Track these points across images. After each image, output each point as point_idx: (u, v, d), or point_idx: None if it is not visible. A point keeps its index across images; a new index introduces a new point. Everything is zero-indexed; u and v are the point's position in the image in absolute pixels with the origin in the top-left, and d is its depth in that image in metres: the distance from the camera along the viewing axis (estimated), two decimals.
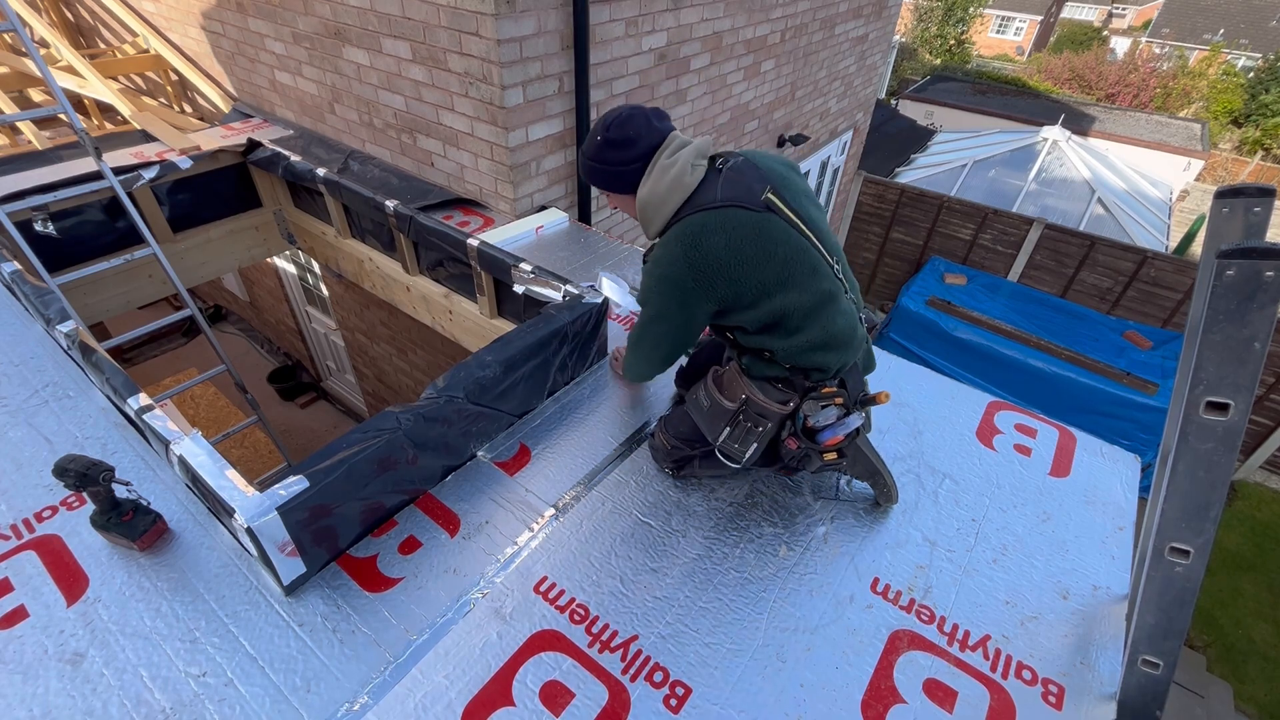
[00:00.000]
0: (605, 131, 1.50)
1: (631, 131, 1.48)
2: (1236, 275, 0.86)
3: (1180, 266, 7.32)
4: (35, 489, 1.72)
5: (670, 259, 1.45)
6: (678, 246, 1.44)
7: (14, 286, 2.29)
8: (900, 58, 23.23)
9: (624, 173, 1.52)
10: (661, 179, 1.46)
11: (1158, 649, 1.21)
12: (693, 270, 1.43)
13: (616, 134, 1.49)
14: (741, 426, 1.59)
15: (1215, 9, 25.67)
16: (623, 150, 1.49)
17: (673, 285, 1.47)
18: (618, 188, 1.56)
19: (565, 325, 2.04)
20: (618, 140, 1.49)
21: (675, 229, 1.46)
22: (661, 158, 1.48)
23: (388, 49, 2.98)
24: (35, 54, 2.56)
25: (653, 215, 1.49)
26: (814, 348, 1.50)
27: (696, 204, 1.44)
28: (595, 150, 1.53)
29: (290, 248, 4.07)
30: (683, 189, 1.45)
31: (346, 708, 1.32)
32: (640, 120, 1.49)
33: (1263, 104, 20.07)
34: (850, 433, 1.59)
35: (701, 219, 1.42)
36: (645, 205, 1.50)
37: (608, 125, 1.50)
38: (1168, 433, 1.34)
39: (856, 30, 5.82)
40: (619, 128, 1.48)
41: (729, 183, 1.45)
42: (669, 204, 1.46)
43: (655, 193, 1.47)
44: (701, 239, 1.41)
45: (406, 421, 1.63)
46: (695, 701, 1.36)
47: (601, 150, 1.51)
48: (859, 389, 1.64)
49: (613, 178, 1.54)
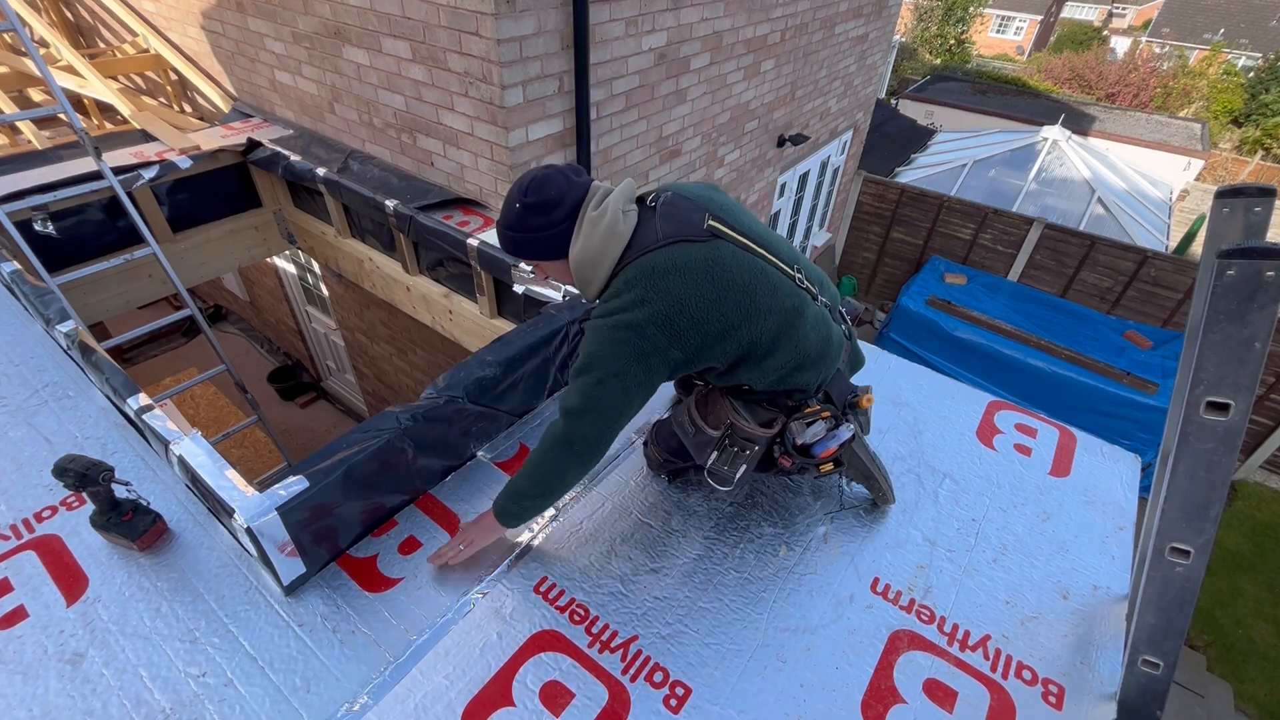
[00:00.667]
0: (523, 197, 1.35)
1: (553, 192, 1.35)
2: (1237, 275, 0.86)
3: (1180, 266, 7.33)
4: (35, 489, 1.72)
5: (623, 307, 1.30)
6: (630, 294, 1.30)
7: (14, 286, 2.29)
8: (900, 57, 23.23)
9: (551, 237, 1.38)
10: (594, 232, 1.33)
11: (1158, 649, 1.21)
12: (653, 318, 1.28)
13: (536, 197, 1.34)
14: (728, 451, 1.54)
15: (1215, 9, 25.67)
16: (545, 213, 1.35)
17: (631, 335, 1.29)
18: (547, 254, 1.41)
19: (565, 325, 2.04)
20: (538, 204, 1.35)
21: (621, 278, 1.33)
22: (588, 210, 1.35)
23: (388, 49, 2.98)
24: (35, 54, 2.56)
25: (591, 274, 1.36)
26: (790, 369, 1.44)
27: (639, 248, 1.32)
28: (515, 219, 1.37)
29: (290, 247, 4.07)
30: (618, 238, 1.33)
31: (346, 708, 1.32)
32: (558, 179, 1.36)
33: (1263, 104, 20.07)
34: (844, 441, 1.57)
35: (649, 261, 1.31)
36: (581, 265, 1.36)
37: (524, 190, 1.36)
38: (1168, 433, 1.34)
39: (856, 30, 5.82)
40: (537, 190, 1.35)
41: (666, 218, 1.35)
42: (607, 257, 1.33)
43: (589, 248, 1.34)
44: (656, 281, 1.29)
45: (406, 421, 1.63)
46: (695, 702, 1.36)
47: (522, 217, 1.36)
48: (847, 394, 1.59)
49: (539, 246, 1.39)
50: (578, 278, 1.40)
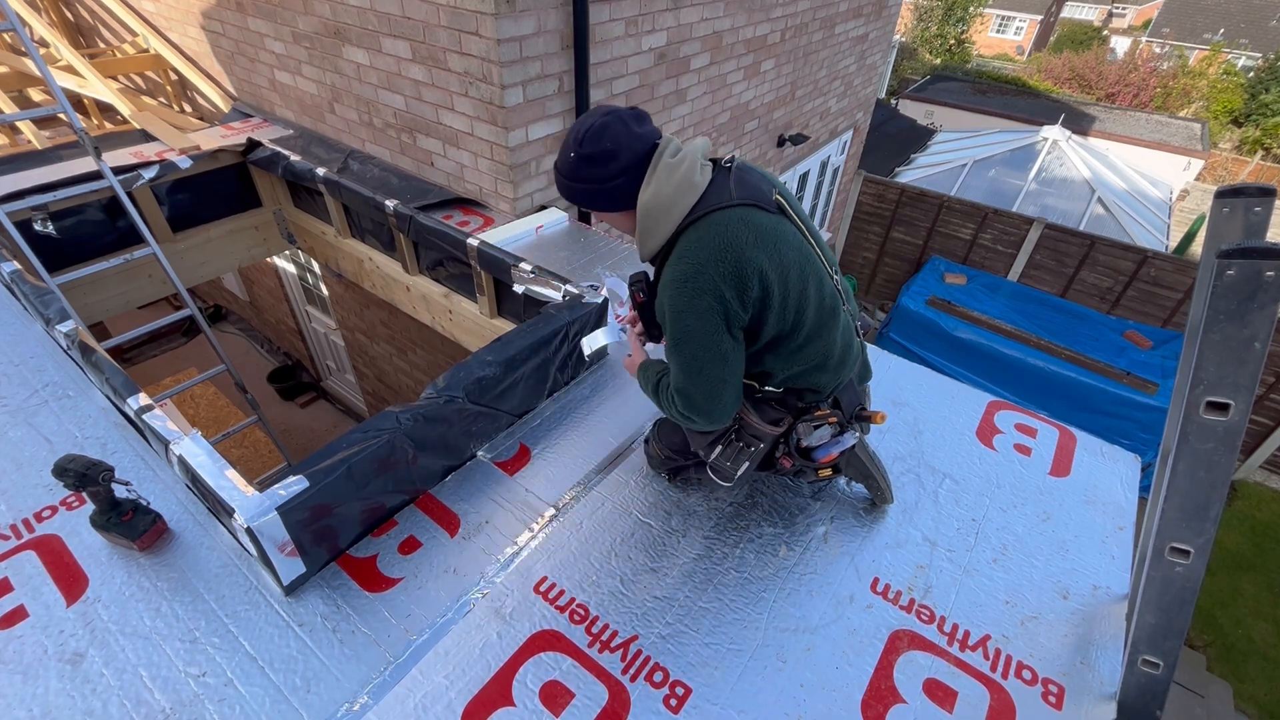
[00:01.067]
0: (578, 147, 1.31)
1: (609, 143, 1.29)
2: (1237, 275, 0.86)
3: (1180, 266, 7.32)
4: (35, 489, 1.72)
5: (699, 269, 1.25)
6: (704, 252, 1.26)
7: (14, 286, 2.29)
8: (900, 57, 23.23)
9: (609, 190, 1.34)
10: (668, 180, 1.29)
11: (1158, 649, 1.21)
12: (728, 275, 1.25)
13: (592, 148, 1.30)
14: (733, 446, 1.54)
15: (1215, 9, 25.67)
16: (601, 165, 1.31)
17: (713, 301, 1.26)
18: (603, 205, 1.38)
19: (565, 325, 2.04)
20: (593, 156, 1.30)
21: (695, 234, 1.28)
22: (664, 157, 1.31)
23: (387, 48, 2.98)
24: (35, 53, 2.56)
25: (657, 223, 1.31)
26: (812, 368, 1.45)
27: (710, 204, 1.29)
28: (571, 168, 1.34)
29: (290, 247, 4.07)
30: (694, 189, 1.29)
31: (346, 708, 1.32)
32: (618, 129, 1.30)
33: (1263, 104, 20.07)
34: (846, 449, 1.57)
35: (723, 217, 1.27)
36: (649, 211, 1.31)
37: (580, 139, 1.31)
38: (1168, 433, 1.34)
39: (856, 30, 5.82)
40: (593, 141, 1.30)
41: (740, 182, 1.32)
42: (679, 206, 1.29)
43: (662, 195, 1.29)
44: (731, 235, 1.25)
45: (406, 421, 1.63)
46: (695, 701, 1.36)
47: (578, 168, 1.33)
48: (855, 404, 1.59)
49: (596, 196, 1.36)
50: (642, 226, 1.34)
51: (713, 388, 1.34)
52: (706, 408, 1.36)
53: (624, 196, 1.35)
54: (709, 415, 1.37)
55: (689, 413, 1.38)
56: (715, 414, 1.37)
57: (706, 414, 1.37)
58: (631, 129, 1.31)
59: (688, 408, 1.37)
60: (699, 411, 1.37)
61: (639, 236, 1.37)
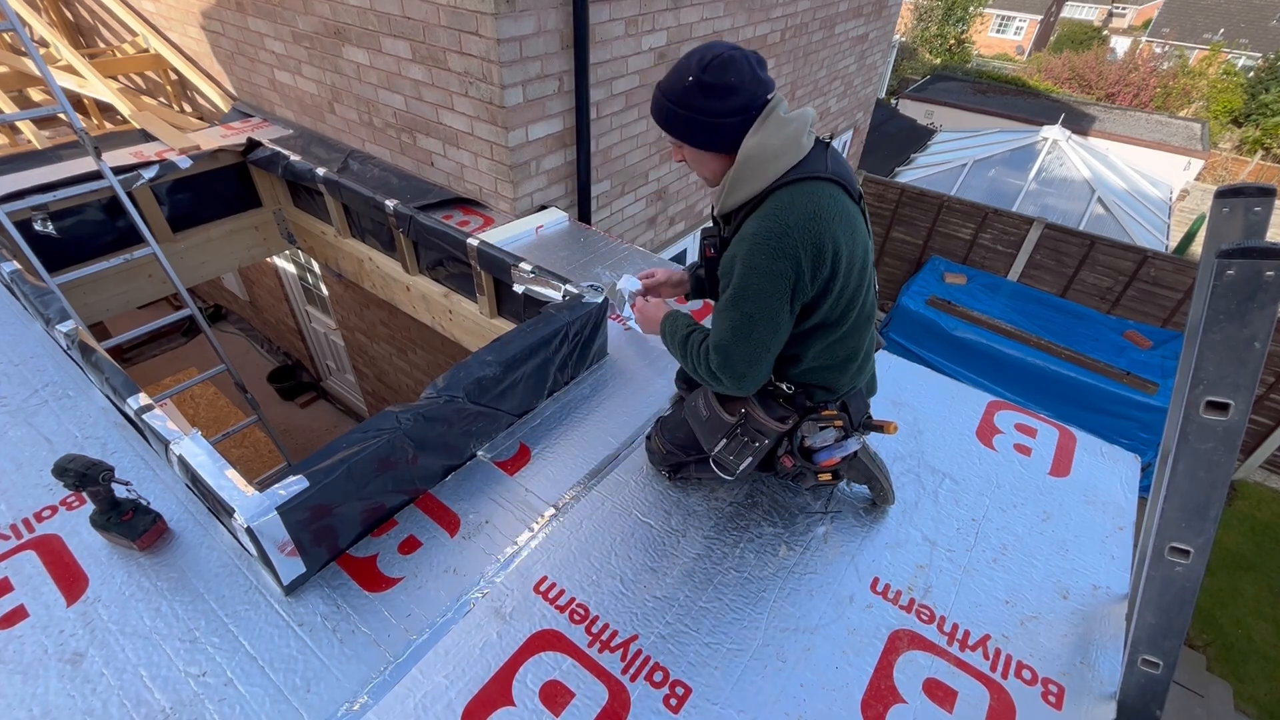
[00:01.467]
0: (701, 73, 1.22)
1: (733, 77, 1.22)
2: (1236, 275, 0.86)
3: (1180, 266, 7.32)
4: (35, 489, 1.72)
5: (785, 231, 1.21)
6: (794, 216, 1.21)
7: (14, 286, 2.29)
8: (900, 57, 23.23)
9: (715, 126, 1.26)
10: (779, 133, 1.24)
11: (1158, 649, 1.21)
12: (812, 245, 1.21)
13: (715, 77, 1.21)
14: (738, 440, 1.54)
15: (1215, 8, 25.67)
16: (720, 99, 1.23)
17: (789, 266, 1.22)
18: (704, 141, 1.30)
19: (565, 325, 2.04)
20: (716, 86, 1.22)
21: (786, 195, 1.24)
22: (776, 110, 1.26)
23: (387, 48, 2.98)
24: (35, 53, 2.56)
25: (754, 173, 1.26)
26: (838, 364, 1.45)
27: (807, 170, 1.25)
28: (683, 93, 1.25)
29: (290, 247, 4.07)
30: (799, 149, 1.25)
31: (346, 707, 1.32)
32: (743, 66, 1.23)
33: (1263, 103, 20.07)
34: (847, 455, 1.57)
35: (817, 188, 1.24)
36: (751, 159, 1.26)
37: (704, 65, 1.22)
38: (1168, 433, 1.34)
39: (856, 30, 5.82)
40: (718, 70, 1.21)
41: (836, 159, 1.29)
42: (781, 161, 1.24)
43: (768, 146, 1.24)
44: (823, 206, 1.22)
45: (406, 421, 1.63)
46: (695, 701, 1.36)
47: (691, 95, 1.24)
48: (861, 413, 1.60)
49: (699, 129, 1.28)
50: (737, 174, 1.29)
51: (756, 352, 1.31)
52: (741, 370, 1.33)
53: (727, 138, 1.28)
54: (741, 379, 1.34)
55: (721, 373, 1.35)
56: (747, 380, 1.35)
57: (739, 378, 1.34)
58: (756, 72, 1.25)
59: (723, 367, 1.34)
60: (733, 374, 1.33)
61: (729, 184, 1.32)
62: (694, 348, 1.43)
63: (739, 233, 1.30)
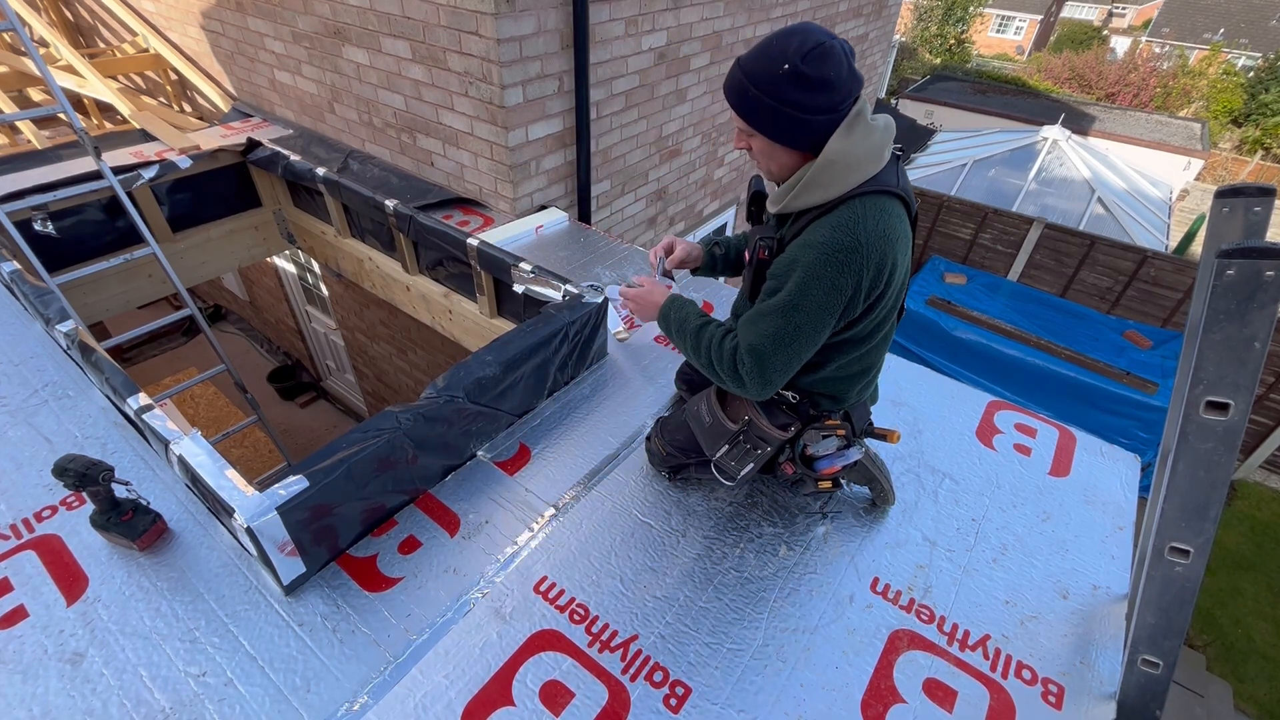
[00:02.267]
0: (800, 63, 1.11)
1: (832, 71, 1.12)
2: (1236, 275, 0.86)
3: (1180, 266, 7.32)
4: (35, 489, 1.72)
5: (855, 246, 1.15)
6: (865, 231, 1.16)
7: (14, 286, 2.29)
8: (900, 57, 23.22)
9: (801, 121, 1.16)
10: (866, 140, 1.18)
11: (1158, 649, 1.21)
12: (875, 264, 1.17)
13: (815, 69, 1.11)
14: (740, 447, 1.54)
15: (1215, 8, 25.66)
16: (815, 94, 1.13)
17: (849, 281, 1.17)
18: (786, 136, 1.21)
19: (565, 325, 2.04)
20: (814, 79, 1.12)
21: (860, 207, 1.18)
22: (863, 115, 1.19)
23: (387, 48, 2.98)
24: (34, 53, 2.56)
25: (835, 178, 1.19)
26: (856, 375, 1.44)
27: (882, 183, 1.20)
28: (773, 82, 1.14)
29: (290, 247, 4.07)
30: (880, 161, 1.20)
31: (346, 707, 1.32)
32: (843, 62, 1.13)
33: (1263, 103, 20.07)
34: (848, 464, 1.57)
35: (890, 204, 1.20)
36: (834, 163, 1.18)
37: (803, 55, 1.11)
38: (1168, 432, 1.34)
39: (856, 30, 5.82)
40: (819, 61, 1.11)
41: (904, 175, 1.26)
42: (862, 170, 1.19)
43: (853, 153, 1.17)
44: (890, 225, 1.18)
45: (406, 421, 1.63)
46: (695, 701, 1.36)
47: (784, 85, 1.13)
48: (864, 421, 1.60)
49: (788, 123, 1.18)
50: (815, 176, 1.21)
51: (790, 362, 1.27)
52: (770, 378, 1.28)
53: (810, 135, 1.19)
54: (766, 386, 1.30)
55: (750, 378, 1.29)
56: (772, 385, 1.30)
57: (765, 384, 1.29)
58: (854, 70, 1.16)
59: (754, 373, 1.27)
60: (763, 380, 1.28)
61: (803, 185, 1.23)
62: (713, 344, 1.36)
63: (803, 238, 1.23)
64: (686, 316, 1.46)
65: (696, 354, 1.41)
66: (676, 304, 1.51)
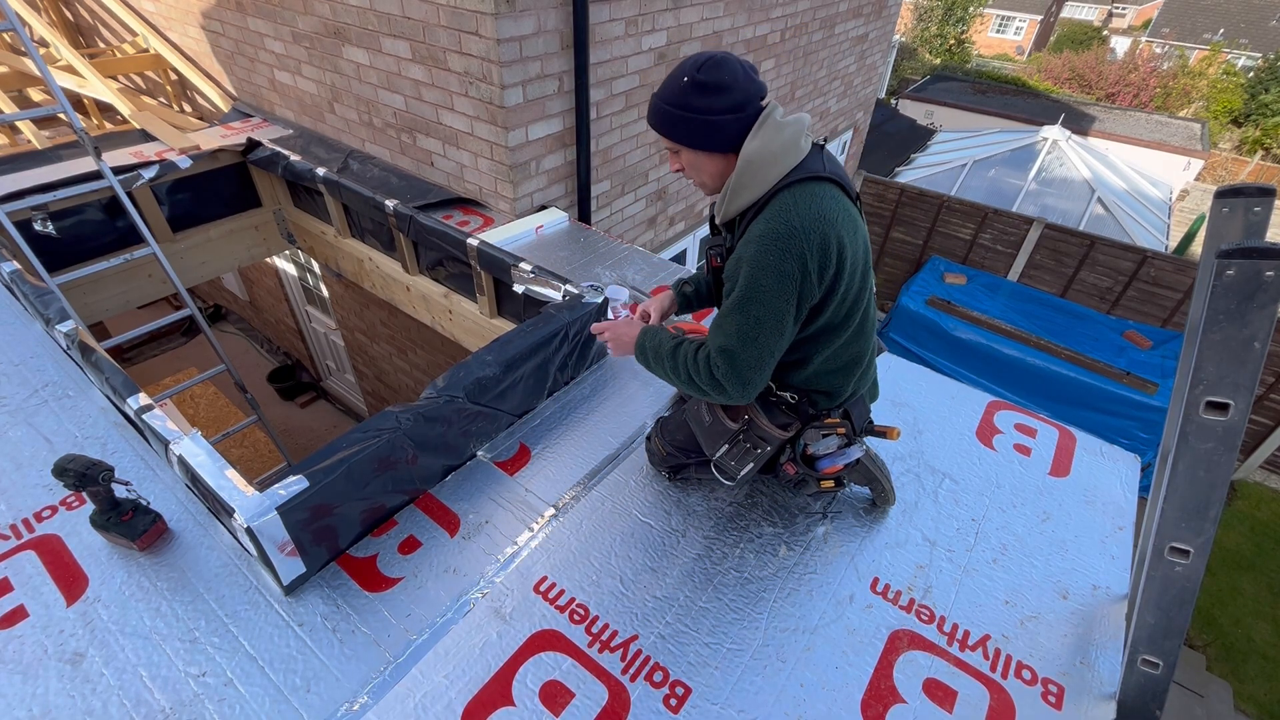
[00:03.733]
0: (695, 73, 1.26)
1: (726, 76, 1.25)
2: (1236, 275, 0.86)
3: (1180, 266, 7.32)
4: (35, 489, 1.72)
5: (792, 233, 1.21)
6: (799, 218, 1.21)
7: (14, 286, 2.29)
8: (900, 57, 23.22)
9: (717, 124, 1.27)
10: (777, 136, 1.27)
11: (1158, 649, 1.21)
12: (818, 246, 1.22)
13: (709, 76, 1.25)
14: (740, 446, 1.54)
15: (1215, 9, 25.66)
16: (715, 95, 1.25)
17: (795, 267, 1.22)
18: (702, 141, 1.31)
19: (565, 325, 2.04)
20: (710, 84, 1.25)
21: (789, 198, 1.24)
22: (774, 114, 1.29)
23: (387, 48, 2.98)
24: (34, 53, 2.56)
25: (756, 176, 1.28)
26: (843, 367, 1.45)
27: (808, 170, 1.27)
28: (678, 94, 1.28)
29: (290, 247, 4.07)
30: (799, 151, 1.28)
31: (346, 707, 1.32)
32: (736, 67, 1.26)
33: (1263, 104, 20.06)
34: (850, 463, 1.57)
35: (820, 189, 1.25)
36: (753, 162, 1.27)
37: (698, 66, 1.26)
38: (1168, 433, 1.34)
39: (856, 30, 5.82)
40: (712, 70, 1.25)
41: (832, 161, 1.32)
42: (782, 164, 1.26)
43: (769, 149, 1.26)
44: (826, 207, 1.23)
45: (406, 421, 1.63)
46: (695, 701, 1.36)
47: (688, 94, 1.27)
48: (864, 419, 1.59)
49: (700, 129, 1.29)
50: (739, 179, 1.30)
51: (761, 357, 1.29)
52: (747, 376, 1.30)
53: (725, 137, 1.30)
54: (745, 385, 1.32)
55: (726, 380, 1.31)
56: (751, 386, 1.32)
57: (744, 384, 1.31)
58: (749, 73, 1.28)
59: (729, 374, 1.30)
60: (739, 379, 1.31)
61: (732, 189, 1.32)
62: (687, 359, 1.39)
63: (745, 236, 1.29)
64: (660, 343, 1.48)
65: (676, 374, 1.42)
66: (649, 334, 1.52)
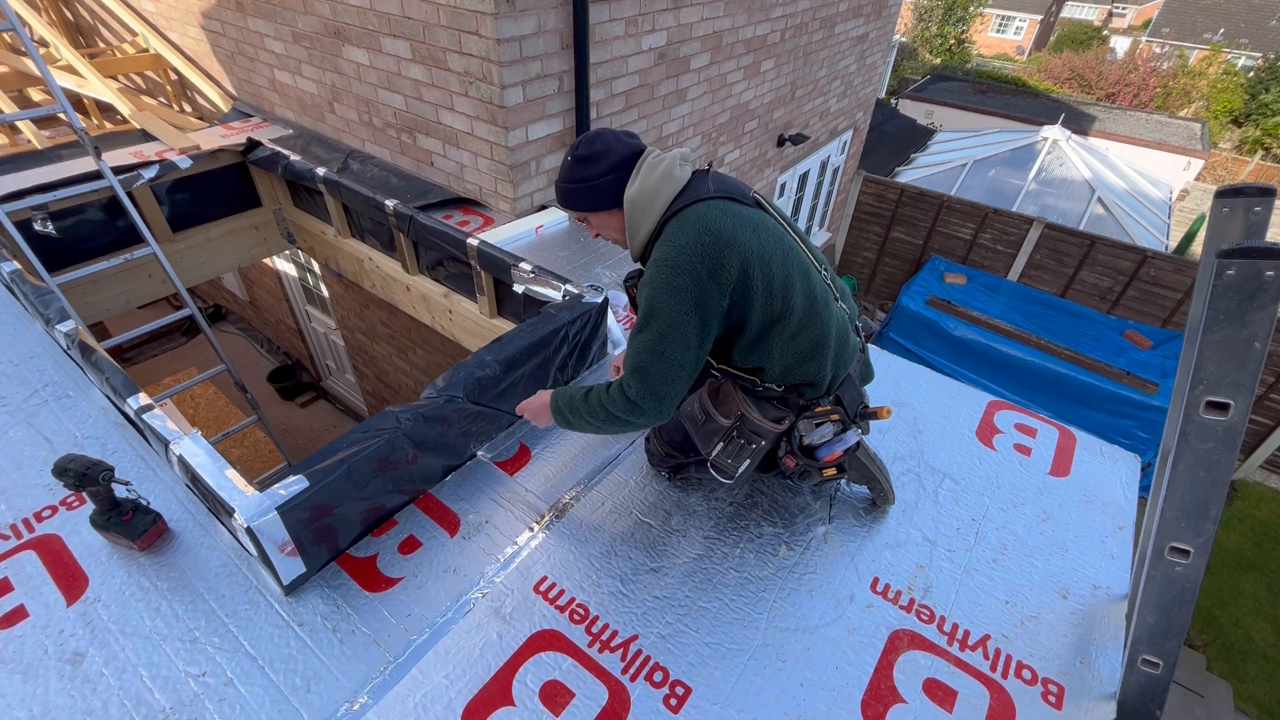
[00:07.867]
0: (574, 151, 1.47)
1: (600, 146, 1.45)
2: (1236, 275, 0.86)
3: (1180, 266, 7.32)
4: (35, 489, 1.72)
5: (679, 250, 1.33)
6: (683, 236, 1.34)
7: (14, 286, 2.29)
8: (900, 57, 23.22)
9: (601, 185, 1.46)
10: (650, 174, 1.42)
11: (1158, 648, 1.21)
12: (704, 257, 1.32)
13: (585, 150, 1.44)
14: (735, 443, 1.54)
15: (1215, 8, 25.66)
16: (593, 165, 1.45)
17: (688, 280, 1.32)
18: (593, 203, 1.49)
19: (565, 325, 2.04)
20: (587, 156, 1.45)
21: (675, 223, 1.38)
22: (648, 159, 1.45)
23: (387, 48, 2.98)
24: (34, 53, 2.56)
25: (643, 214, 1.42)
26: (806, 355, 1.46)
27: (691, 196, 1.40)
28: (567, 171, 1.48)
29: (290, 247, 4.07)
30: (674, 181, 1.41)
31: (346, 707, 1.32)
32: (606, 136, 1.47)
33: (1263, 103, 20.06)
34: (849, 448, 1.58)
35: (703, 207, 1.37)
36: (635, 204, 1.43)
37: (575, 146, 1.48)
38: (1168, 432, 1.34)
39: (856, 29, 5.82)
40: (587, 145, 1.45)
41: (717, 180, 1.44)
42: (661, 197, 1.40)
43: (645, 188, 1.41)
44: (709, 223, 1.34)
45: (406, 421, 1.63)
46: (695, 701, 1.36)
47: (574, 169, 1.47)
48: (856, 402, 1.60)
49: (590, 194, 1.47)
50: (630, 219, 1.45)
51: (671, 370, 1.36)
52: (660, 391, 1.37)
53: (611, 193, 1.46)
54: (660, 400, 1.38)
55: (639, 398, 1.39)
56: (667, 400, 1.39)
57: (659, 399, 1.38)
58: (619, 136, 1.47)
59: (641, 391, 1.38)
60: (652, 394, 1.38)
61: (628, 232, 1.47)
62: (601, 396, 1.46)
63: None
64: (571, 396, 1.55)
65: (594, 417, 1.48)
66: (559, 393, 1.59)
